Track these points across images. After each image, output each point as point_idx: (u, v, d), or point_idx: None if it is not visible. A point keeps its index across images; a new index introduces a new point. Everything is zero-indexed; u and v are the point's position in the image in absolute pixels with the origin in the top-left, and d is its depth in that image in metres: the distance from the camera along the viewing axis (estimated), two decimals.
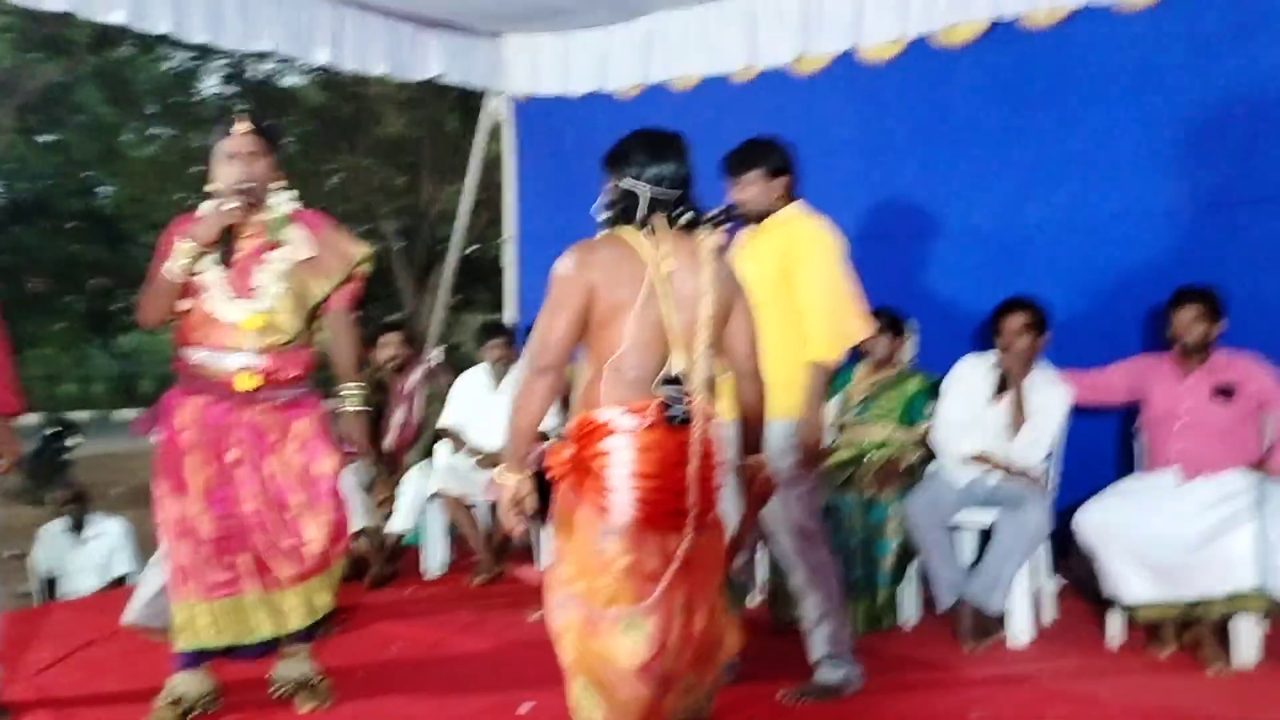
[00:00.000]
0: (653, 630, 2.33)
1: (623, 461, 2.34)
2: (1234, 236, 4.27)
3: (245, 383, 3.09)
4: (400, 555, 5.05)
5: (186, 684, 3.17)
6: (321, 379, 3.32)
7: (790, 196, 3.37)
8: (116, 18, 4.72)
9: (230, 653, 3.20)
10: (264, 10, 5.18)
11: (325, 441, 3.22)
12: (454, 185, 16.08)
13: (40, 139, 14.03)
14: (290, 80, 15.51)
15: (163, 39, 13.31)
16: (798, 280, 3.23)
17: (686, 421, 2.35)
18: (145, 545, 5.88)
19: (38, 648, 3.83)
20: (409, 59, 5.93)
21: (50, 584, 5.71)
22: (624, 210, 2.46)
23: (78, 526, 5.51)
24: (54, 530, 5.64)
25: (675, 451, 2.35)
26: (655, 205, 2.42)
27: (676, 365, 2.37)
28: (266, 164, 3.12)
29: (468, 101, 15.02)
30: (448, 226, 15.99)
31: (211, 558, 3.07)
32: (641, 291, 2.35)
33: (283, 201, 3.18)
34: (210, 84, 15.30)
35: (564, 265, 2.38)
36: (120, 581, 5.54)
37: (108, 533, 5.65)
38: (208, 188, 3.14)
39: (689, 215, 2.46)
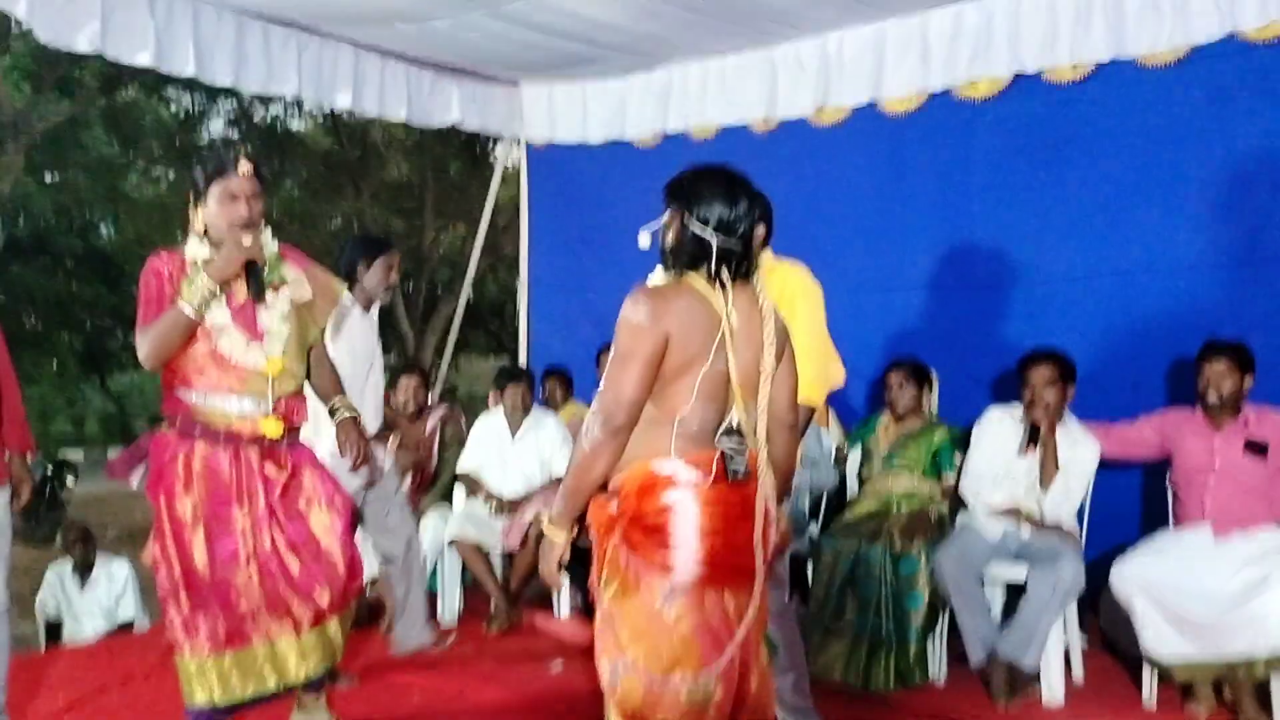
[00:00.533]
0: (720, 696, 2.23)
1: (688, 517, 2.23)
2: (1257, 292, 4.28)
3: (273, 428, 3.03)
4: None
5: None
6: None
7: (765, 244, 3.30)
8: (143, 60, 4.74)
9: (245, 704, 3.10)
10: (287, 55, 5.22)
11: (333, 485, 3.17)
12: (455, 229, 16.19)
13: (47, 178, 14.04)
14: (295, 124, 15.61)
15: (170, 81, 13.54)
16: (791, 325, 3.20)
17: (747, 475, 2.29)
18: (147, 589, 5.81)
19: (48, 694, 3.74)
20: (428, 105, 5.98)
21: (52, 627, 5.61)
22: (691, 256, 2.32)
23: (85, 568, 5.42)
24: (61, 572, 5.54)
25: (738, 506, 2.27)
26: (723, 256, 2.30)
27: (736, 418, 2.31)
28: (262, 205, 3.08)
29: (471, 147, 15.21)
30: (448, 270, 16.17)
31: (221, 608, 2.98)
32: (714, 344, 2.26)
33: (268, 241, 3.10)
34: (216, 127, 15.39)
35: (637, 314, 2.24)
36: (128, 627, 5.43)
37: (114, 576, 5.55)
38: (198, 226, 3.04)
39: (749, 266, 2.38)
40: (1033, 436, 3.99)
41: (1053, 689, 3.73)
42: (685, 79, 5.70)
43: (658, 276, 2.39)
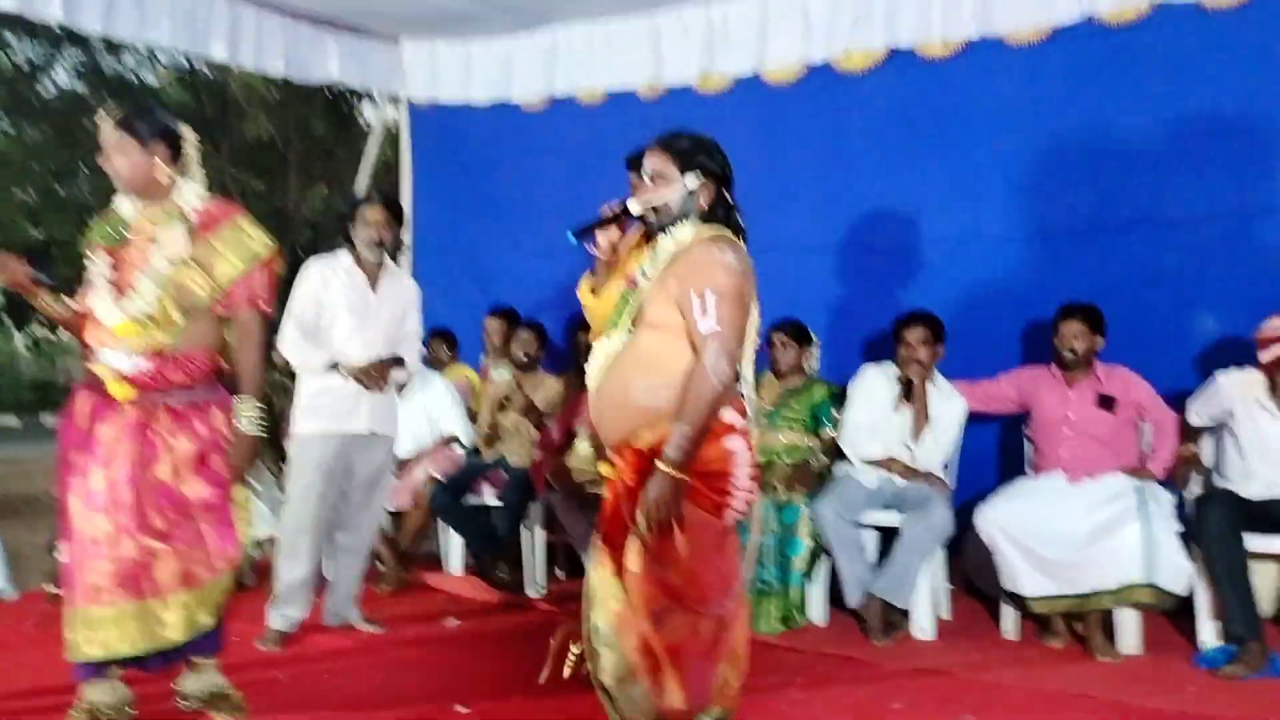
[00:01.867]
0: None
1: (743, 461, 2.45)
2: (1109, 257, 4.62)
3: (118, 391, 2.96)
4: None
5: (99, 693, 3.02)
6: None
7: None
8: (6, 4, 4.51)
9: (129, 663, 3.03)
10: (159, 3, 5.03)
11: (217, 450, 3.05)
12: (319, 190, 15.78)
13: None
14: (149, 78, 14.90)
15: (8, 26, 12.72)
16: None
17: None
18: (15, 559, 5.58)
19: None
20: (306, 60, 5.83)
21: None
22: (719, 214, 2.55)
23: None
24: None
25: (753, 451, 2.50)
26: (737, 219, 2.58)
27: (746, 369, 2.54)
28: (133, 160, 2.97)
29: (338, 106, 14.82)
30: (311, 232, 15.76)
31: (88, 562, 2.91)
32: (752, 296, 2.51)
33: (187, 196, 3.03)
34: (61, 77, 14.56)
35: (733, 259, 2.43)
36: None
37: None
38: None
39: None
40: (906, 392, 4.24)
41: (923, 626, 4.00)
42: (570, 41, 5.73)
43: (686, 232, 2.52)
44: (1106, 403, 4.08)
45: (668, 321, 2.45)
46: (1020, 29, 4.71)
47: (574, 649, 2.57)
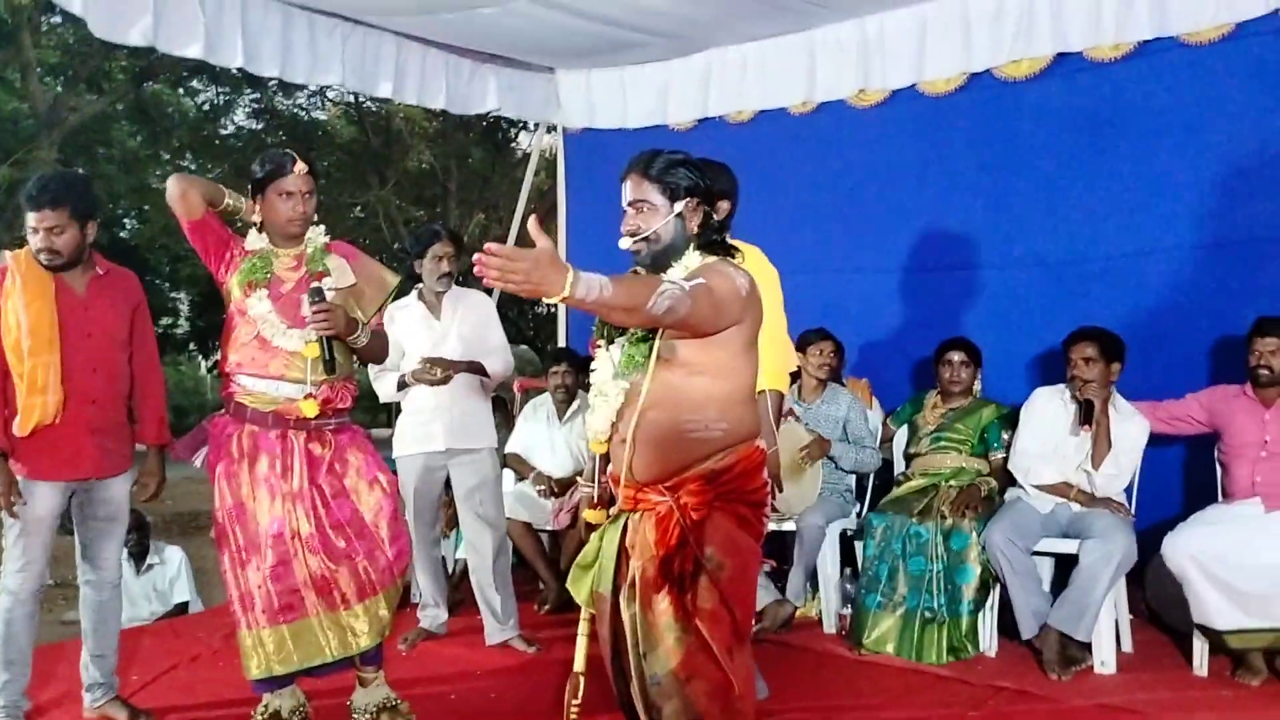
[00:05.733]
0: None
1: (765, 484, 2.41)
2: None
3: (310, 409, 3.14)
4: (463, 580, 5.05)
5: (279, 699, 3.24)
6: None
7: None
8: (193, 52, 4.82)
9: (304, 674, 3.23)
10: (332, 45, 5.29)
11: (377, 463, 3.29)
12: (477, 217, 16.26)
13: (78, 173, 14.20)
14: (318, 114, 15.69)
15: (196, 73, 13.60)
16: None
17: None
18: (200, 573, 5.92)
19: (121, 672, 3.82)
20: (467, 93, 6.04)
21: None
22: (712, 235, 2.46)
23: (139, 555, 5.53)
24: None
25: None
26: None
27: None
28: (315, 202, 3.23)
29: (493, 134, 15.26)
30: (469, 259, 16.27)
31: (276, 583, 3.10)
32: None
33: (317, 235, 3.27)
34: (240, 118, 15.48)
35: (740, 279, 2.34)
36: (183, 609, 5.55)
37: (168, 560, 5.66)
38: (255, 219, 3.23)
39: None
40: (1087, 415, 4.02)
41: (1104, 659, 3.79)
42: (724, 63, 5.73)
43: (693, 261, 2.42)
44: None
45: (699, 359, 2.33)
46: (1199, 26, 4.44)
47: (574, 704, 2.50)
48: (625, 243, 2.45)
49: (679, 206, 2.42)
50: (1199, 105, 4.51)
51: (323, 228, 3.30)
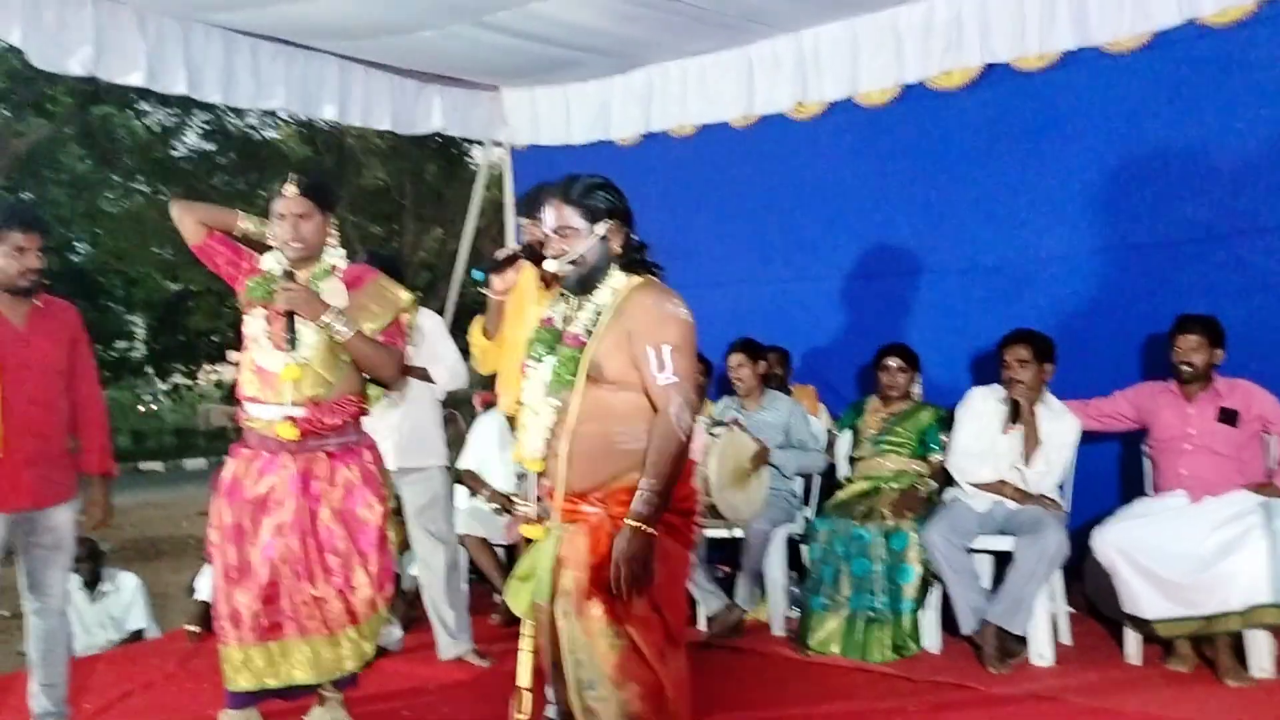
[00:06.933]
0: None
1: (694, 493, 2.52)
2: (1225, 268, 4.45)
3: (286, 432, 3.17)
4: (417, 597, 5.09)
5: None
6: None
7: None
8: (135, 79, 4.86)
9: (276, 694, 3.26)
10: (275, 69, 5.34)
11: (372, 488, 3.29)
12: (433, 233, 16.28)
13: (25, 197, 14.08)
14: (271, 134, 15.65)
15: (145, 96, 13.53)
16: None
17: None
18: (159, 599, 5.90)
19: (73, 700, 3.84)
20: (411, 113, 6.10)
21: None
22: (633, 256, 2.55)
23: (92, 583, 5.51)
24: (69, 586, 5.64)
25: None
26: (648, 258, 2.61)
27: None
28: (315, 224, 3.19)
29: (447, 151, 15.30)
30: (428, 274, 16.23)
31: (265, 605, 3.14)
32: None
33: (332, 257, 3.27)
34: (191, 139, 15.41)
35: (684, 311, 2.47)
36: (138, 635, 5.54)
37: (122, 587, 5.64)
38: (269, 239, 3.25)
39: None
40: (1014, 414, 4.16)
41: (1041, 652, 3.90)
42: (665, 79, 5.83)
43: (619, 280, 2.54)
44: (1228, 417, 3.93)
45: (627, 378, 2.45)
46: (1119, 36, 4.60)
47: (519, 718, 2.58)
48: (552, 265, 2.53)
49: (600, 229, 2.50)
50: (1121, 113, 4.67)
51: (341, 251, 3.28)
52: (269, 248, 3.26)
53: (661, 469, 2.37)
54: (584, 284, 2.52)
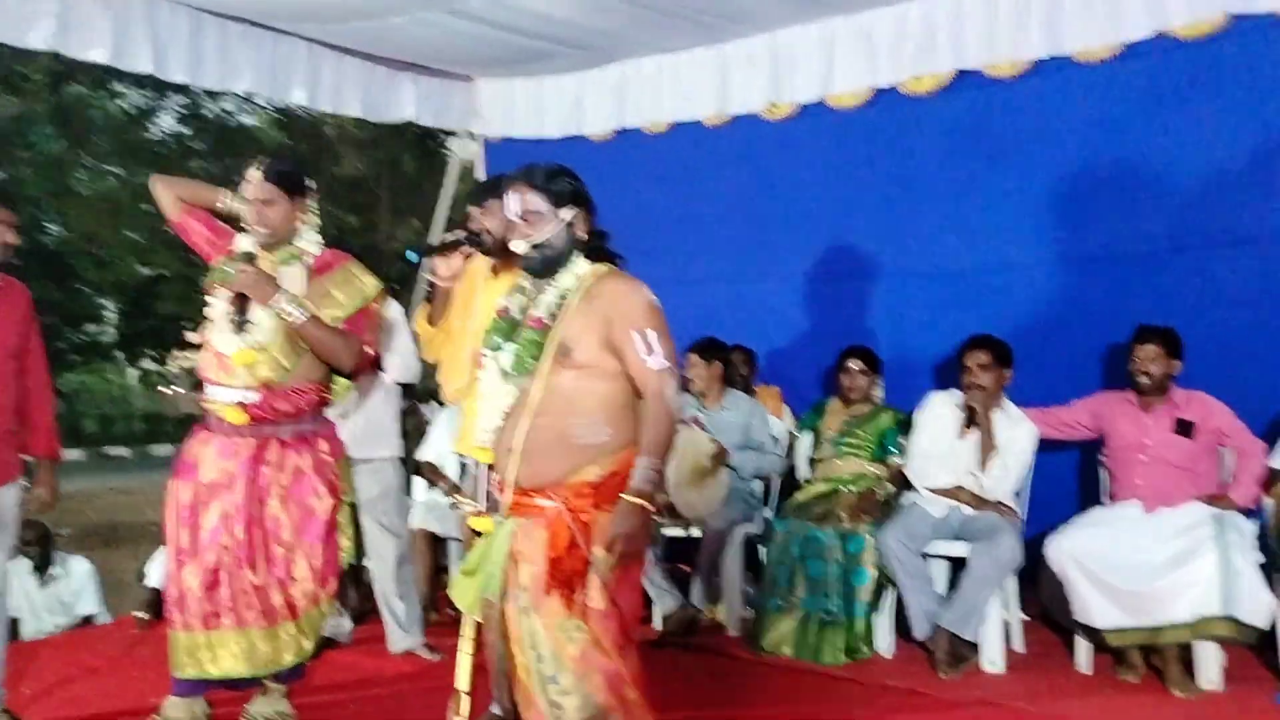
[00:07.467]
0: None
1: None
2: (1186, 280, 4.46)
3: (234, 416, 3.12)
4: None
5: (178, 709, 3.18)
6: None
7: None
8: (98, 56, 4.78)
9: (220, 684, 3.20)
10: (243, 51, 5.27)
11: (323, 478, 3.22)
12: (410, 225, 16.17)
13: None
14: (247, 119, 15.52)
15: (120, 76, 13.39)
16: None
17: None
18: (114, 585, 5.82)
19: (12, 684, 3.78)
20: (383, 100, 6.04)
21: (11, 623, 5.60)
22: (596, 243, 2.55)
23: (42, 567, 5.43)
24: (18, 571, 5.55)
25: None
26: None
27: None
28: (281, 210, 3.14)
29: (424, 142, 15.21)
30: (404, 265, 16.15)
31: (209, 590, 3.09)
32: None
33: (304, 242, 3.21)
34: (167, 122, 15.26)
35: (653, 296, 2.50)
36: (88, 620, 5.46)
37: (72, 573, 5.56)
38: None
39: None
40: (970, 419, 4.15)
41: (993, 658, 3.90)
42: (639, 75, 5.80)
43: (582, 267, 2.53)
44: (1184, 428, 3.94)
45: (597, 362, 2.44)
46: (1090, 47, 4.60)
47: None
48: (519, 246, 2.51)
49: (566, 214, 2.49)
50: (1090, 122, 4.69)
51: (317, 237, 3.22)
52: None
53: (658, 447, 2.42)
54: (547, 268, 2.52)
